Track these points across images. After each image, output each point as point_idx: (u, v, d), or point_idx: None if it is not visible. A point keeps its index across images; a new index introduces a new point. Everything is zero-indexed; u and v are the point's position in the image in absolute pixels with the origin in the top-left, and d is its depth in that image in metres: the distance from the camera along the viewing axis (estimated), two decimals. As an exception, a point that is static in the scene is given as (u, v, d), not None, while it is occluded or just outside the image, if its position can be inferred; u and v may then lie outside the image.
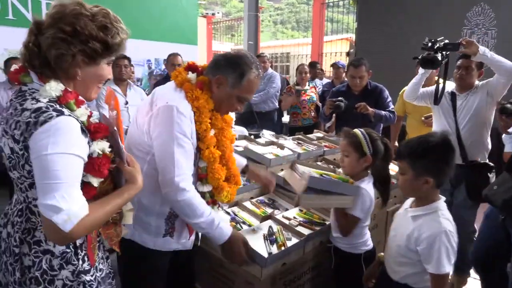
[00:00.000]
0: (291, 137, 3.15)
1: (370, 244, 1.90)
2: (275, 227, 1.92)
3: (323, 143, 3.07)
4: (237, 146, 2.69)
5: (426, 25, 4.61)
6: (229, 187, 1.62)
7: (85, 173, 1.09)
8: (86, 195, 1.06)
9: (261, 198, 2.33)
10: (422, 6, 4.73)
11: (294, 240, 1.83)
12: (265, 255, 1.66)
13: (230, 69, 1.47)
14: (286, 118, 5.59)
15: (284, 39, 20.89)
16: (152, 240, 1.57)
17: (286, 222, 1.98)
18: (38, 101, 1.05)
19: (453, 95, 2.75)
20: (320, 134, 3.45)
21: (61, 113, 1.04)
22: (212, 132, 1.53)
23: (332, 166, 2.69)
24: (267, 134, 3.20)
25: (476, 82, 2.72)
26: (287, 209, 2.21)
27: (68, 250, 1.15)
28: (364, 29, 4.88)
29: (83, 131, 1.08)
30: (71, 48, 1.06)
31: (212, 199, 1.62)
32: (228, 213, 2.10)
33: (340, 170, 2.24)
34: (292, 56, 13.72)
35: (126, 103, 3.81)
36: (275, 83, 5.43)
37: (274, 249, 1.74)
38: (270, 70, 5.61)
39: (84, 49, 1.08)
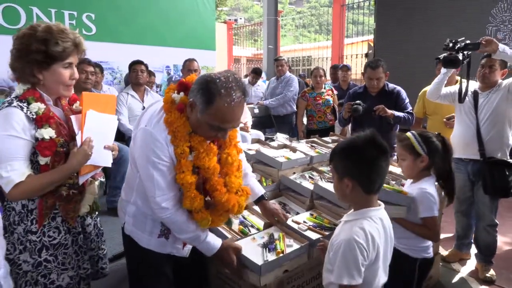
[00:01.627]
0: (305, 140, 3.11)
1: (430, 253, 1.87)
2: (277, 234, 1.89)
3: (338, 146, 3.01)
4: (249, 149, 2.69)
5: (447, 24, 4.47)
6: (214, 215, 1.55)
7: (38, 152, 1.44)
8: (42, 171, 1.44)
9: (272, 201, 2.30)
10: (444, 4, 4.59)
11: (296, 246, 1.79)
12: (260, 262, 1.63)
13: (199, 94, 1.38)
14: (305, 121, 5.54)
15: (306, 42, 20.80)
16: (146, 239, 1.60)
17: (295, 226, 1.95)
18: (10, 97, 1.47)
19: (475, 93, 2.82)
20: (335, 137, 3.39)
21: (10, 104, 1.42)
22: (190, 157, 1.46)
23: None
24: (280, 138, 3.18)
25: (499, 81, 2.78)
26: (298, 213, 2.17)
27: (23, 211, 1.50)
28: (383, 30, 4.79)
29: (29, 119, 1.42)
30: (24, 62, 1.43)
31: None
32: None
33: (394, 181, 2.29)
34: (314, 59, 13.62)
35: (143, 108, 3.88)
36: (293, 87, 5.40)
37: (272, 257, 1.70)
38: (288, 74, 5.59)
39: (31, 60, 1.42)
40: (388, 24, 4.74)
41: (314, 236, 1.86)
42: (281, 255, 1.71)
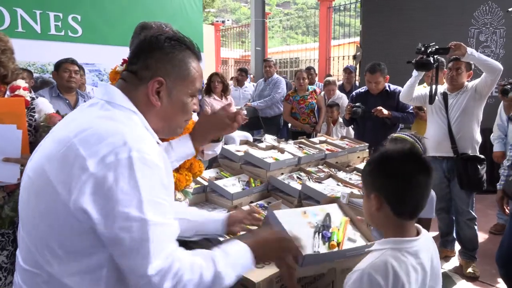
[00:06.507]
0: (293, 141, 3.14)
1: None
2: (339, 218, 1.42)
3: (325, 147, 3.04)
4: (238, 151, 2.70)
5: (432, 26, 4.56)
6: (178, 174, 1.61)
7: None
8: None
9: (260, 202, 2.32)
10: (428, 6, 4.69)
11: (360, 243, 1.35)
12: (307, 252, 1.24)
13: None
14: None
15: (294, 44, 20.93)
16: None
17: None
18: None
19: (445, 95, 3.05)
20: (323, 138, 3.43)
21: None
22: None
23: (334, 170, 2.67)
24: (269, 139, 3.20)
25: (466, 83, 3.01)
26: (286, 213, 2.18)
27: None
28: (369, 32, 4.86)
29: None
30: None
31: None
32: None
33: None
34: (301, 61, 13.72)
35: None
36: (281, 88, 5.44)
37: (324, 249, 1.30)
38: (275, 75, 5.63)
39: None
40: (374, 26, 4.81)
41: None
42: (335, 249, 1.30)
